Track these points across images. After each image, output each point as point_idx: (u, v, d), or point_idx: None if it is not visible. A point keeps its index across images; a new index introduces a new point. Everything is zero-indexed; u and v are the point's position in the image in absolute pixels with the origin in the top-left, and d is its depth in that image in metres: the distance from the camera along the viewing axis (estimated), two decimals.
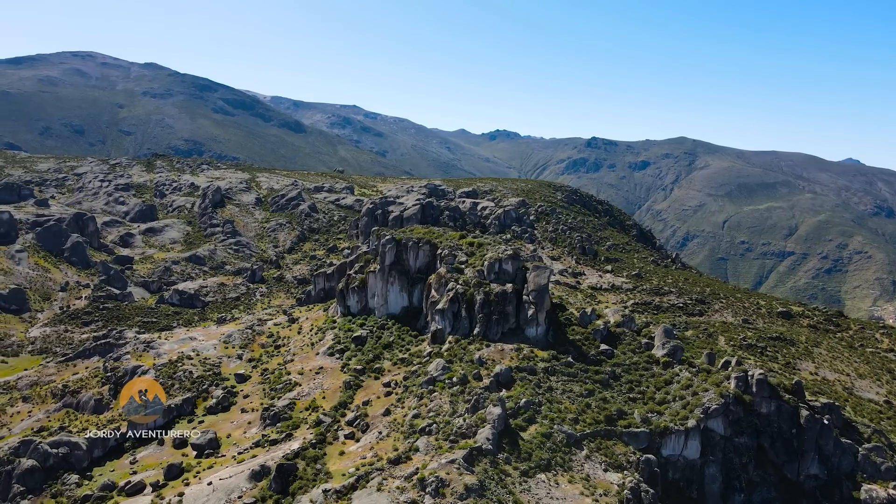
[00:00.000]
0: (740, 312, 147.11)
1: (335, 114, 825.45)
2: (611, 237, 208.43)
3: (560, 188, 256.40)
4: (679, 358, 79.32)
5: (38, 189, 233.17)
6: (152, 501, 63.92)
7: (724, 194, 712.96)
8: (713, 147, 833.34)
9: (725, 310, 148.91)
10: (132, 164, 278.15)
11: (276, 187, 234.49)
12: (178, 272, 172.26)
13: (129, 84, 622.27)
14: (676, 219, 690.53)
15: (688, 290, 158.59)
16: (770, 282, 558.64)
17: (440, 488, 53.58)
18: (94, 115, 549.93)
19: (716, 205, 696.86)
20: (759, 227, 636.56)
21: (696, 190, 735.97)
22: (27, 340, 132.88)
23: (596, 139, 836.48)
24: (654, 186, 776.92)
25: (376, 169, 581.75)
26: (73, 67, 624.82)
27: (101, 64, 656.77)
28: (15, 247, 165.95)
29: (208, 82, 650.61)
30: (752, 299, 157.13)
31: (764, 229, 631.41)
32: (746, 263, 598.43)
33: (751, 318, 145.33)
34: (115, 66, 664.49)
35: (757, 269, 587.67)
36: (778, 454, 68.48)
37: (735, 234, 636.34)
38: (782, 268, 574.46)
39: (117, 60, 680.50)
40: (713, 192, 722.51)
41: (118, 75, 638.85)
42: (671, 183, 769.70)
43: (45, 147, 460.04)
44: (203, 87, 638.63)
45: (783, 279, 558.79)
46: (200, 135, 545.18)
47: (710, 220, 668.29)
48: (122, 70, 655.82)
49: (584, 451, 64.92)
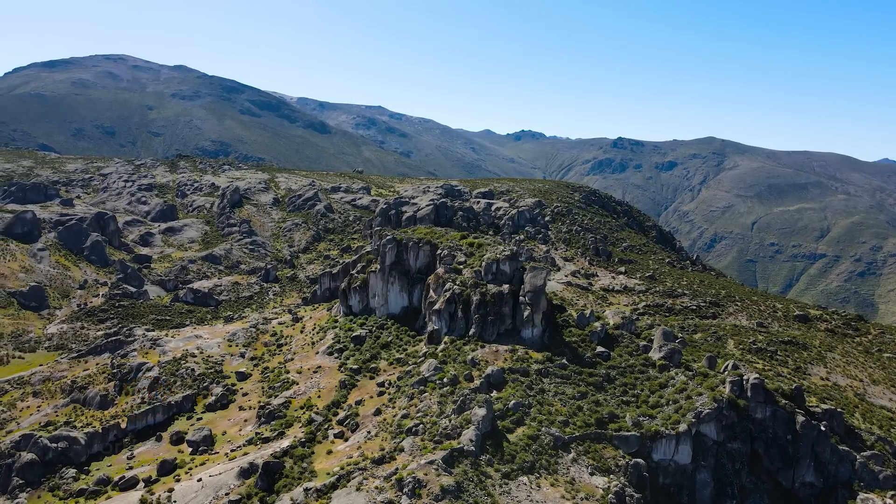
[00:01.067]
0: (755, 315, 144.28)
1: (360, 114, 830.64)
2: (627, 238, 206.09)
3: (578, 188, 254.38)
4: (677, 361, 78.01)
5: (64, 189, 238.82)
6: (142, 497, 64.87)
7: (753, 195, 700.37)
8: (743, 147, 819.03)
9: (740, 313, 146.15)
10: (156, 165, 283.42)
11: (294, 188, 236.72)
12: (194, 271, 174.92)
13: (159, 86, 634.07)
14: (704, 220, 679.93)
15: (702, 292, 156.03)
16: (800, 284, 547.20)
17: (417, 489, 53.47)
18: (124, 117, 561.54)
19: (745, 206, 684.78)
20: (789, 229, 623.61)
21: (725, 191, 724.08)
22: (44, 337, 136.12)
23: (622, 139, 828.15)
24: (682, 187, 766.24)
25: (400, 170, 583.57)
26: (105, 70, 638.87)
27: (132, 66, 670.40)
28: (37, 245, 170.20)
29: (235, 84, 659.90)
30: (769, 302, 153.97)
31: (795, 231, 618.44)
32: (776, 266, 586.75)
33: (766, 321, 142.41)
34: (145, 68, 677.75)
35: (787, 271, 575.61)
36: (772, 461, 66.91)
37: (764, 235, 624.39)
38: (813, 270, 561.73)
39: (148, 63, 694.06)
40: (742, 192, 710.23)
41: (148, 77, 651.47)
42: (699, 184, 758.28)
43: (77, 148, 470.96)
44: (230, 88, 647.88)
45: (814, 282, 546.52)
46: (227, 136, 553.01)
47: (738, 221, 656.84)
48: (153, 72, 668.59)
49: (571, 454, 64.23)
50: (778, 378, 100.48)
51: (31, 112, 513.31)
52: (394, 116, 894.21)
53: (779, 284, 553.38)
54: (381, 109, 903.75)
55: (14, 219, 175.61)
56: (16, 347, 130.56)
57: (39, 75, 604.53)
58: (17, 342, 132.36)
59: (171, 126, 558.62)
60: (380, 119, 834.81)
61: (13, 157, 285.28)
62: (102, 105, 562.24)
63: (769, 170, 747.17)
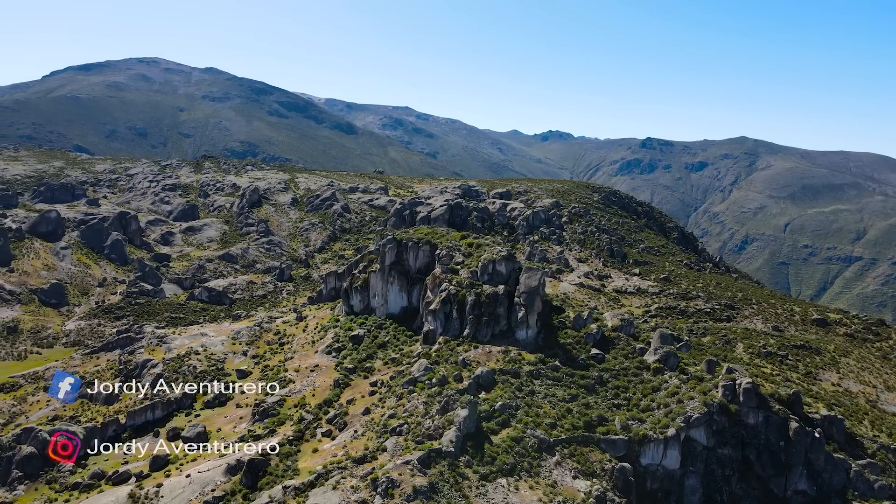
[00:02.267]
0: (771, 319, 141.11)
1: (387, 115, 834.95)
2: (646, 239, 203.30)
3: (598, 189, 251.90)
4: (672, 364, 76.65)
5: (91, 189, 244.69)
6: (131, 491, 66.04)
7: (786, 196, 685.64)
8: (776, 147, 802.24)
9: (756, 316, 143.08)
10: (181, 166, 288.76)
11: (313, 188, 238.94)
12: (210, 270, 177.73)
13: (190, 88, 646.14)
14: (735, 221, 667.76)
15: (718, 294, 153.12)
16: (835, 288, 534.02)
17: (389, 489, 53.43)
18: (156, 119, 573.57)
19: (777, 207, 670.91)
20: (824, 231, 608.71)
21: (757, 191, 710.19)
22: (62, 333, 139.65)
23: (651, 139, 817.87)
24: (712, 188, 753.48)
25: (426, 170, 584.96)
26: (139, 73, 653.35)
27: (165, 69, 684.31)
28: (60, 244, 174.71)
29: (264, 86, 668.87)
30: (787, 305, 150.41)
31: (829, 233, 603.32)
32: (809, 269, 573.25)
33: (782, 325, 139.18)
34: (177, 71, 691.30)
35: (821, 274, 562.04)
36: (764, 467, 65.26)
37: (798, 237, 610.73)
38: (849, 273, 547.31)
39: (180, 66, 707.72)
40: (775, 193, 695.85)
41: (180, 80, 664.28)
42: (730, 184, 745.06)
43: (110, 149, 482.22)
44: (259, 90, 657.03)
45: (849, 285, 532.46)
46: (255, 137, 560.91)
47: (770, 222, 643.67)
48: (184, 75, 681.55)
49: (555, 456, 63.52)
50: (786, 383, 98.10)
51: (66, 114, 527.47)
52: (421, 117, 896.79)
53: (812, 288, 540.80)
54: (408, 110, 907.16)
55: (39, 218, 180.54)
56: (34, 343, 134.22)
57: (76, 78, 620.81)
58: (35, 338, 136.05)
59: (200, 127, 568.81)
60: (407, 120, 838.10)
61: (45, 157, 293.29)
62: (135, 107, 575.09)
63: (803, 170, 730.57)
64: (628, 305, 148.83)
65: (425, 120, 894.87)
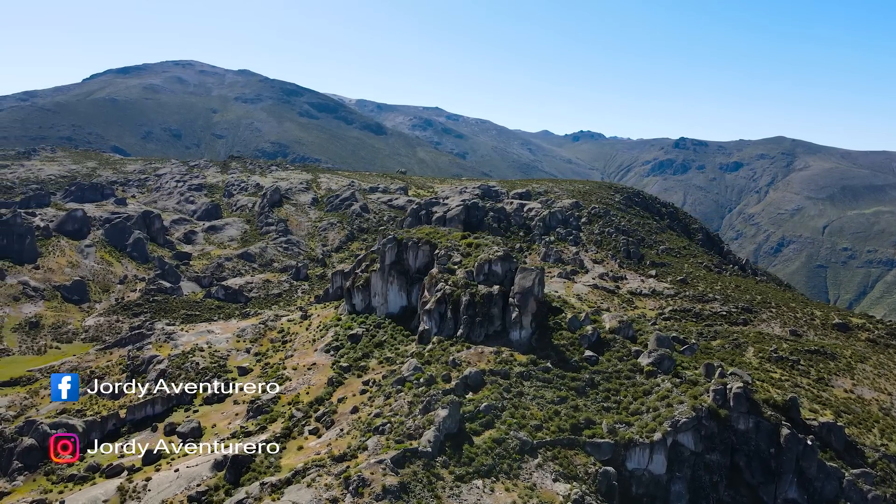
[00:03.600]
0: (790, 323, 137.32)
1: (417, 116, 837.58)
2: (667, 240, 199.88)
3: (620, 189, 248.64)
4: (666, 368, 75.09)
5: (121, 189, 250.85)
6: (121, 484, 67.47)
7: (825, 197, 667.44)
8: (815, 147, 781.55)
9: (774, 320, 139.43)
10: (209, 166, 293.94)
11: (334, 188, 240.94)
12: (229, 268, 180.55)
13: (224, 90, 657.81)
14: (771, 223, 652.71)
15: (736, 297, 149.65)
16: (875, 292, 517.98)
17: (360, 488, 53.45)
18: (190, 120, 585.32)
19: (815, 208, 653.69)
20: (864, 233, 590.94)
21: (794, 192, 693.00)
22: (81, 329, 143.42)
23: (684, 139, 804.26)
24: (747, 189, 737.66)
25: (454, 170, 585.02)
26: (174, 75, 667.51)
27: (199, 72, 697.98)
28: (85, 242, 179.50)
29: (295, 87, 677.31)
30: (808, 309, 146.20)
31: (870, 235, 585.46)
32: (848, 272, 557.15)
33: (801, 329, 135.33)
34: (211, 73, 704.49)
35: (861, 278, 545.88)
36: (754, 474, 63.41)
37: (836, 240, 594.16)
38: (890, 277, 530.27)
39: (214, 68, 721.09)
40: (813, 194, 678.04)
41: (214, 82, 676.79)
42: (766, 185, 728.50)
43: (146, 150, 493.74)
44: (290, 91, 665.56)
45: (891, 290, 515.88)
46: (286, 138, 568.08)
47: (808, 224, 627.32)
48: (218, 77, 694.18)
49: (537, 459, 62.77)
50: (795, 389, 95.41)
51: (104, 116, 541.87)
52: (451, 117, 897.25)
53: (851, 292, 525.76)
54: (438, 111, 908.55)
55: (66, 217, 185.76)
56: (54, 338, 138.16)
57: (114, 81, 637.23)
58: (55, 333, 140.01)
59: (233, 128, 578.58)
60: (436, 120, 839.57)
61: (80, 158, 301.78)
62: (170, 109, 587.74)
63: (843, 171, 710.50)
64: (642, 307, 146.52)
65: (455, 120, 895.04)
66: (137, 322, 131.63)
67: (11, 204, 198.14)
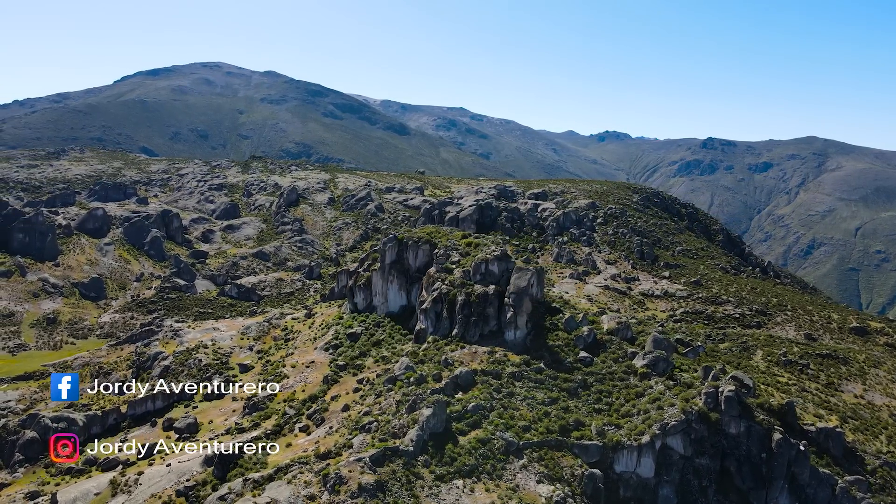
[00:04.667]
0: (805, 326, 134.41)
1: (441, 116, 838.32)
2: (684, 242, 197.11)
3: (639, 190, 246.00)
4: (661, 370, 73.87)
5: (143, 188, 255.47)
6: (114, 478, 68.48)
7: (858, 198, 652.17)
8: (847, 147, 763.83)
9: (788, 323, 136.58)
10: (230, 166, 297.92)
11: (351, 187, 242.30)
12: (244, 267, 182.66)
13: (250, 91, 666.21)
14: (801, 225, 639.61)
15: (750, 300, 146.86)
16: None
17: (336, 485, 53.53)
18: (217, 121, 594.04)
19: (848, 210, 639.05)
20: None
21: (826, 193, 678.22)
22: (97, 325, 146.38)
23: (712, 139, 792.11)
24: (777, 190, 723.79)
25: (477, 171, 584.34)
26: (202, 77, 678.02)
27: (227, 73, 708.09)
28: (104, 240, 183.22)
29: (320, 88, 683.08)
30: (825, 312, 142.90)
31: None
32: (882, 275, 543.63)
33: (817, 332, 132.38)
34: (238, 74, 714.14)
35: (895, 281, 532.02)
36: (744, 479, 61.98)
37: (869, 242, 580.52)
38: None
39: (241, 69, 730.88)
40: (845, 195, 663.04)
41: (240, 83, 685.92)
42: (796, 186, 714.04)
43: (173, 150, 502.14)
44: (315, 92, 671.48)
45: None
46: (310, 138, 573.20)
47: (840, 226, 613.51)
48: (244, 78, 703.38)
49: (523, 460, 62.23)
50: (802, 393, 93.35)
51: (134, 117, 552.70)
52: (475, 118, 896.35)
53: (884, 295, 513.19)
54: (462, 111, 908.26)
55: (87, 215, 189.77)
56: (70, 334, 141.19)
57: (144, 83, 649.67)
58: (72, 329, 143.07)
59: (258, 129, 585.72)
60: (460, 120, 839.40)
61: (107, 158, 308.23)
62: (197, 110, 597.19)
63: (877, 171, 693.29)
64: (653, 309, 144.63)
65: (479, 121, 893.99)
66: (149, 319, 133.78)
67: (38, 203, 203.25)
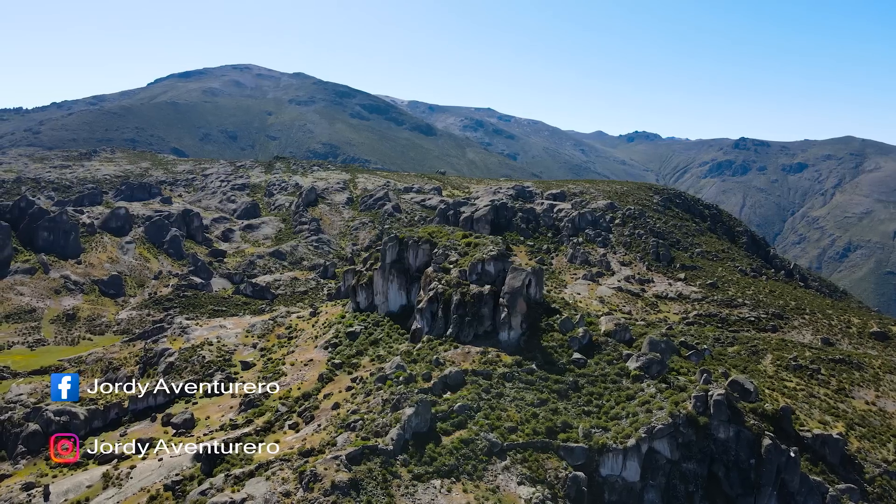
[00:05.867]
0: (823, 330, 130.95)
1: (468, 117, 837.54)
2: (704, 243, 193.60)
3: (661, 190, 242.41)
4: (654, 373, 72.56)
5: (168, 188, 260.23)
6: (107, 471, 69.83)
7: None
8: (886, 147, 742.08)
9: (806, 327, 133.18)
10: (254, 167, 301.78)
11: (370, 188, 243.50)
12: (260, 266, 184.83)
13: (279, 93, 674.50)
14: (836, 227, 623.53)
15: (767, 303, 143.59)
16: None
17: (310, 482, 53.67)
18: (246, 122, 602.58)
19: (886, 212, 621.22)
20: None
21: (863, 195, 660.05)
22: (114, 321, 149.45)
23: (745, 140, 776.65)
24: (812, 191, 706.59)
25: (504, 171, 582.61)
26: (232, 79, 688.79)
27: (257, 75, 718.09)
28: (126, 238, 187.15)
29: (347, 89, 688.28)
30: (844, 316, 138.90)
31: None
32: None
33: (835, 337, 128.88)
34: (268, 76, 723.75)
35: None
36: (732, 485, 60.44)
37: None
38: None
39: (270, 71, 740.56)
40: (884, 197, 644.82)
41: (270, 85, 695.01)
42: (832, 187, 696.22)
43: (203, 151, 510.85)
44: (342, 93, 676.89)
45: None
46: (337, 139, 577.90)
47: (877, 228, 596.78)
48: (274, 80, 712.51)
49: (506, 461, 61.63)
50: (809, 399, 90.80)
51: (166, 119, 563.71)
52: (502, 118, 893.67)
53: None
54: (490, 111, 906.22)
55: (110, 214, 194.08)
56: (88, 330, 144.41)
57: (176, 85, 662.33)
58: (90, 325, 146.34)
59: (286, 130, 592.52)
60: (488, 121, 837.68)
61: (136, 159, 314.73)
62: (227, 111, 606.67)
63: None
64: (666, 311, 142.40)
65: (507, 121, 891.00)
66: (161, 316, 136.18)
67: (66, 202, 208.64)
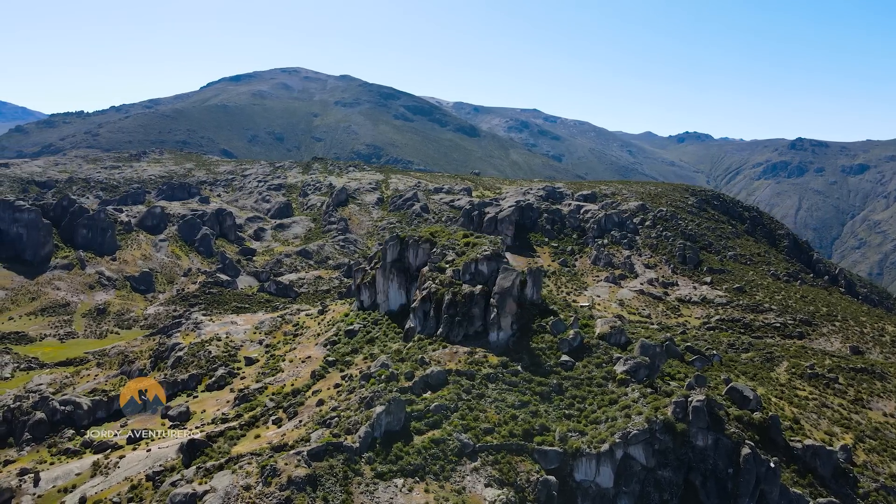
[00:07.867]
0: (853, 338, 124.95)
1: (514, 118, 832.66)
2: (739, 246, 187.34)
3: (697, 192, 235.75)
4: (641, 377, 70.50)
5: (208, 188, 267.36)
6: (97, 460, 72.08)
7: None
8: None
9: (835, 334, 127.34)
10: (292, 167, 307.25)
11: (401, 188, 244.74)
12: (287, 264, 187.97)
13: (325, 95, 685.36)
14: None
15: (796, 308, 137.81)
16: None
17: (269, 477, 54.06)
18: (292, 124, 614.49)
19: None
20: None
21: None
22: (142, 316, 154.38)
23: (802, 140, 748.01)
24: (873, 193, 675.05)
25: (548, 173, 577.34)
26: (281, 82, 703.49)
27: (304, 78, 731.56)
28: (160, 236, 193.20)
29: (392, 91, 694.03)
30: (879, 324, 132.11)
31: None
32: None
33: (865, 345, 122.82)
34: (315, 79, 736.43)
35: None
36: (709, 495, 58.01)
37: None
38: None
39: (317, 74, 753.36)
40: None
41: (316, 87, 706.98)
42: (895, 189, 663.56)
43: (251, 152, 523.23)
44: (387, 95, 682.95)
45: None
46: (380, 140, 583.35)
47: None
48: (320, 83, 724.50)
49: (476, 462, 60.88)
50: (820, 409, 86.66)
51: (216, 121, 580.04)
52: (548, 119, 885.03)
53: None
54: (536, 112, 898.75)
55: (146, 213, 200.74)
56: (116, 324, 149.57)
57: (226, 88, 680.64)
58: (118, 319, 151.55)
59: (331, 131, 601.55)
60: (533, 122, 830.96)
61: (181, 160, 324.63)
62: (275, 114, 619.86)
63: None
64: (687, 315, 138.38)
65: (553, 122, 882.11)
66: (181, 312, 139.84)
67: (111, 201, 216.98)
